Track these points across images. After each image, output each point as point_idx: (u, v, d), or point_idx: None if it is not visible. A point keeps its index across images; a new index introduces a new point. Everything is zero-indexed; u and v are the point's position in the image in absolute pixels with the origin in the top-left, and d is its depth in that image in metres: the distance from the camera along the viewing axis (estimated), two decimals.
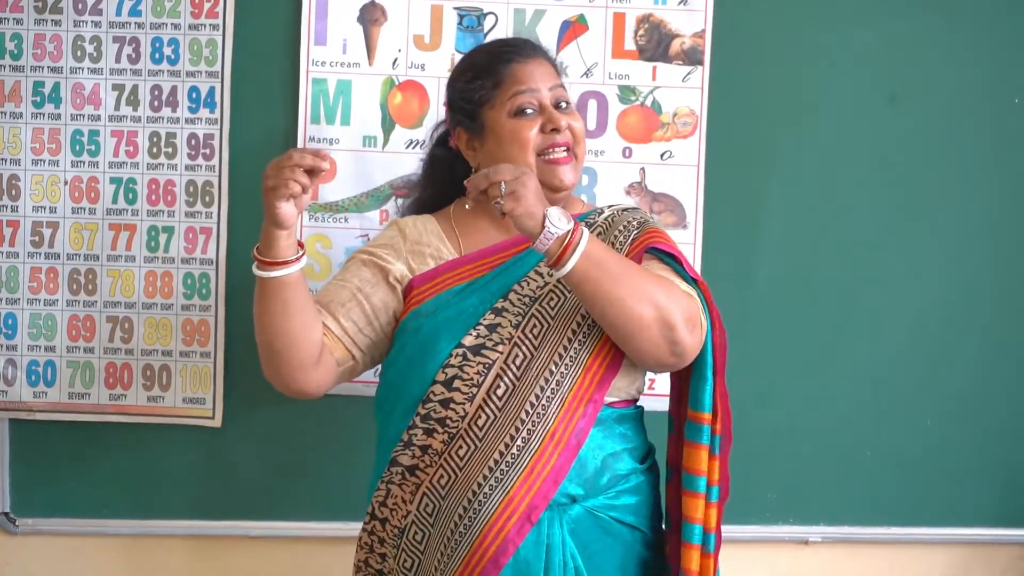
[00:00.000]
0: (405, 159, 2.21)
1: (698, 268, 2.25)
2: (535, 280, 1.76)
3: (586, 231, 1.61)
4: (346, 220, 2.24)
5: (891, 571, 2.37)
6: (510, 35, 2.23)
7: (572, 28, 2.25)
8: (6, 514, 2.29)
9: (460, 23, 2.24)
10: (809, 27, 2.28)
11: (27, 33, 2.24)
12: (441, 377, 1.70)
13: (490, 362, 1.70)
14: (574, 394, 1.70)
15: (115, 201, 2.25)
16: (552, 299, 1.73)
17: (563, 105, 1.81)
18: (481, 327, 1.72)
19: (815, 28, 2.28)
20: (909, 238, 2.31)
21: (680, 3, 2.25)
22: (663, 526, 1.86)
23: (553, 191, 1.77)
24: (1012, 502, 2.35)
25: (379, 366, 1.85)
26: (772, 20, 2.27)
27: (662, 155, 2.26)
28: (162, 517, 2.30)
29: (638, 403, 1.85)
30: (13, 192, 2.25)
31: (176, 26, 2.23)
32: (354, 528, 2.23)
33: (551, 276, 1.72)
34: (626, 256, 1.75)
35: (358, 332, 1.78)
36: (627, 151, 2.27)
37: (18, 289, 2.26)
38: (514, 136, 1.77)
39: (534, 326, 1.72)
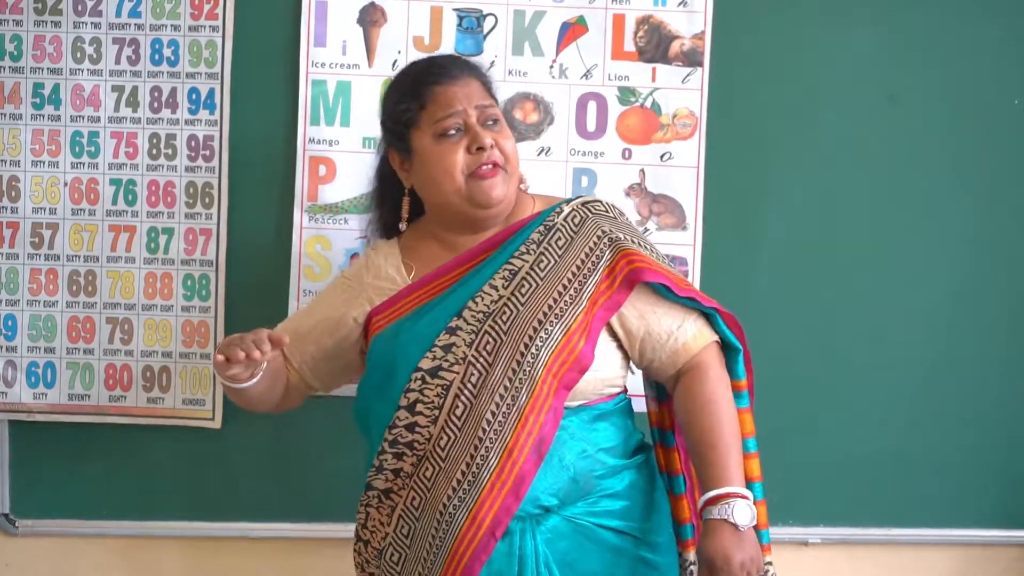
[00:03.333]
0: None
1: (698, 269, 2.26)
2: (489, 295, 1.74)
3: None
4: (346, 221, 2.24)
5: (891, 572, 2.36)
6: (509, 37, 2.24)
7: (572, 29, 2.25)
8: (6, 515, 2.29)
9: (460, 24, 2.24)
10: (809, 27, 2.28)
11: (27, 34, 2.24)
12: (404, 402, 1.71)
13: (448, 383, 1.70)
14: (531, 407, 1.69)
15: (115, 202, 2.25)
16: (505, 313, 1.72)
17: (491, 123, 1.78)
18: (437, 348, 1.72)
19: (815, 28, 2.28)
20: (909, 239, 2.31)
21: (680, 4, 2.24)
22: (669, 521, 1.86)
23: (482, 208, 1.77)
24: (1012, 503, 2.35)
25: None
26: (772, 21, 2.27)
27: (662, 156, 2.26)
28: (162, 518, 2.30)
29: (622, 396, 1.84)
30: (13, 193, 2.25)
31: (176, 27, 2.23)
32: (353, 530, 2.24)
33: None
34: (601, 286, 1.75)
35: (315, 366, 1.89)
36: (627, 152, 2.27)
37: (18, 290, 2.26)
38: (439, 160, 1.76)
39: (487, 343, 1.71)
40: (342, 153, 2.24)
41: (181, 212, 2.25)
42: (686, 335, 1.79)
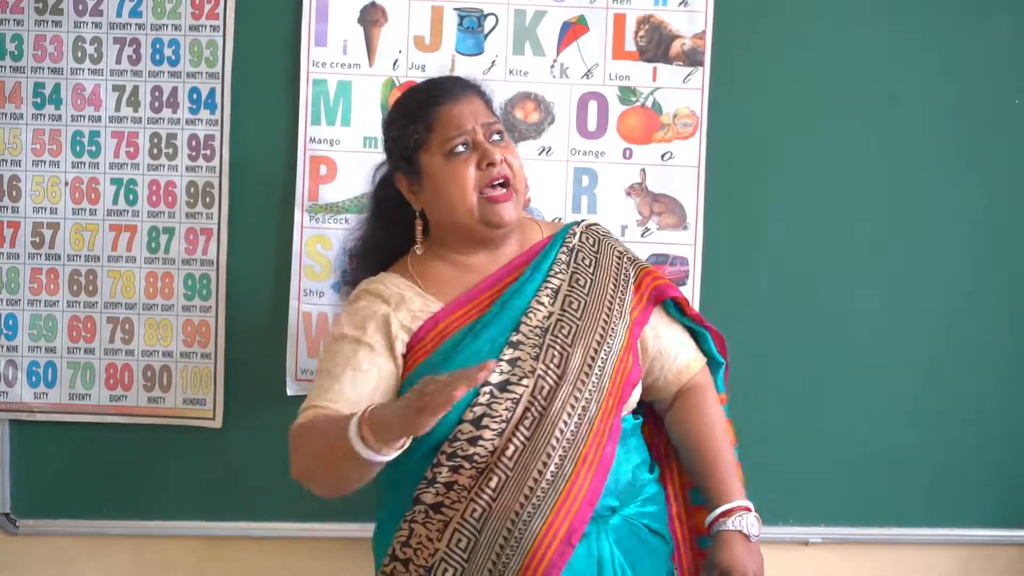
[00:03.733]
0: None
1: (698, 269, 2.26)
2: (540, 310, 1.77)
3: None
4: (346, 221, 2.24)
5: (891, 572, 2.36)
6: (510, 36, 2.24)
7: (572, 29, 2.25)
8: (6, 515, 2.29)
9: (460, 24, 2.24)
10: (809, 27, 2.28)
11: (27, 34, 2.24)
12: (469, 416, 1.70)
13: (517, 396, 1.71)
14: (601, 416, 1.73)
15: (116, 202, 2.25)
16: (564, 328, 1.76)
17: (496, 138, 1.79)
18: (503, 363, 1.72)
19: (815, 28, 2.28)
20: (909, 238, 2.31)
21: (680, 4, 2.25)
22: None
23: (493, 228, 1.78)
24: (1012, 503, 2.35)
25: None
26: (772, 21, 2.27)
27: (662, 156, 2.27)
28: (162, 518, 2.30)
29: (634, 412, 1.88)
30: (14, 193, 2.25)
31: (176, 27, 2.23)
32: (353, 529, 2.24)
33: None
34: (632, 301, 1.82)
35: None
36: (627, 152, 2.27)
37: (19, 290, 2.26)
38: (451, 178, 1.76)
39: (553, 356, 1.73)
40: (343, 153, 2.24)
41: (182, 212, 2.25)
42: (688, 355, 1.89)
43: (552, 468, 1.68)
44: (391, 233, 1.90)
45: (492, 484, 1.68)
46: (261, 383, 2.26)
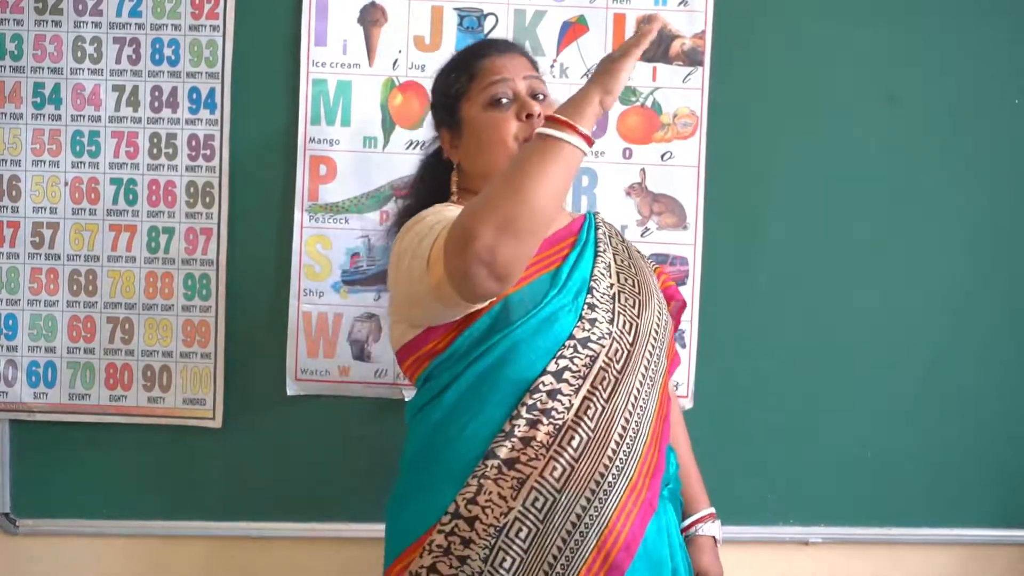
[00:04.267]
0: (405, 160, 2.22)
1: (698, 269, 2.27)
2: (603, 279, 1.75)
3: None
4: (346, 221, 2.24)
5: (891, 572, 2.36)
6: (510, 36, 2.24)
7: (572, 29, 2.25)
8: (6, 515, 2.29)
9: (460, 24, 2.24)
10: (809, 27, 2.28)
11: (27, 34, 2.24)
12: (552, 367, 1.66)
13: (594, 355, 1.68)
14: (663, 387, 1.76)
15: (115, 202, 2.25)
16: (628, 299, 1.75)
17: (540, 96, 1.78)
18: (584, 320, 1.69)
19: (815, 28, 2.28)
20: (909, 238, 2.31)
21: (680, 4, 2.25)
22: None
23: None
24: (1012, 502, 2.35)
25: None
26: (772, 21, 2.27)
27: (662, 156, 2.27)
28: (162, 518, 2.30)
29: None
30: (13, 193, 2.25)
31: (176, 27, 2.24)
32: (354, 529, 2.24)
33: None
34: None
35: None
36: (627, 152, 2.27)
37: (18, 290, 2.26)
38: (492, 127, 1.74)
39: (624, 323, 1.72)
40: (343, 153, 2.24)
41: (182, 212, 2.25)
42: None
43: (631, 432, 1.67)
44: (438, 190, 1.85)
45: (574, 444, 1.64)
46: (261, 383, 2.26)
